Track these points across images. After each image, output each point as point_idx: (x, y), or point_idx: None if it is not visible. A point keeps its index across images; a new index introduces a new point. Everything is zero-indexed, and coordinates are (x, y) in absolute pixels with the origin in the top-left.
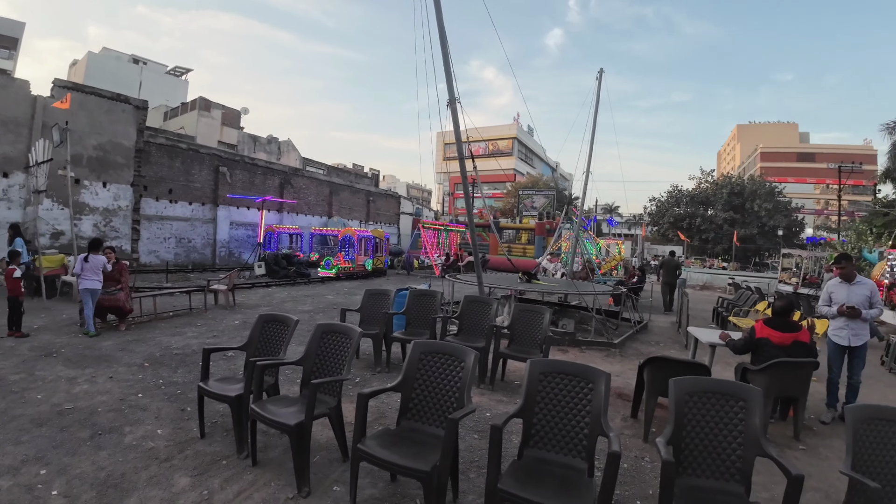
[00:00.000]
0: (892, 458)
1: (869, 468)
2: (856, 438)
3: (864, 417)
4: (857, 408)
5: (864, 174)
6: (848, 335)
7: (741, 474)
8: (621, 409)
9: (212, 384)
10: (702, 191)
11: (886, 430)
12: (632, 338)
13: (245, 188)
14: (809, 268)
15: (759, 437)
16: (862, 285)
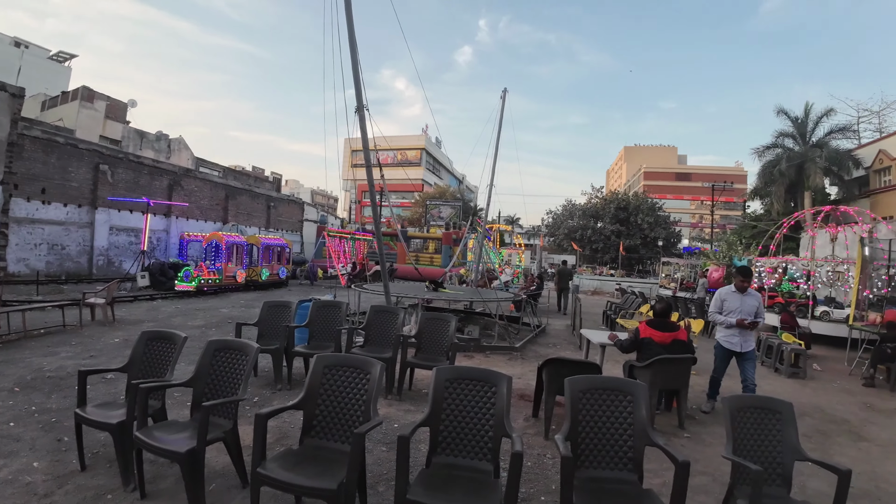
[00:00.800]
0: (766, 442)
1: (748, 452)
2: (734, 425)
3: (740, 406)
4: (733, 398)
5: (735, 192)
6: (739, 342)
7: (633, 463)
8: (524, 409)
9: (90, 410)
10: (592, 205)
11: (760, 416)
12: (532, 341)
13: (129, 189)
14: (686, 274)
15: (646, 427)
16: (752, 296)
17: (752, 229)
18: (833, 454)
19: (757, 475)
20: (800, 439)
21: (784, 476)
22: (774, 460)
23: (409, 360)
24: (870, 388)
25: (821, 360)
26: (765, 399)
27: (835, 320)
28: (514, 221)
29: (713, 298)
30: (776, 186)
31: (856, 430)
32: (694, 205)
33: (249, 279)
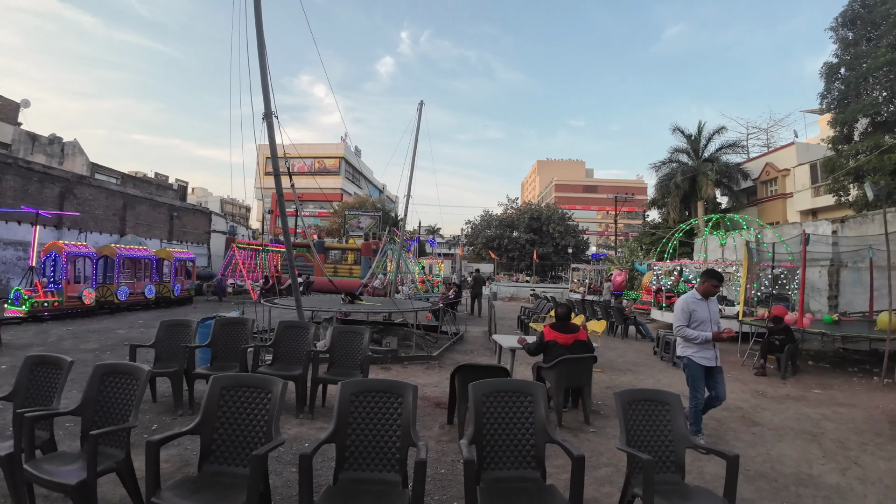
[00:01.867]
0: (658, 432)
1: (641, 442)
2: (626, 418)
3: (631, 399)
4: (624, 392)
5: (636, 202)
6: (714, 355)
7: (536, 461)
8: (439, 416)
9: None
10: (508, 216)
11: (650, 408)
12: (450, 349)
13: (16, 198)
14: (593, 278)
15: (546, 425)
16: (714, 302)
17: (651, 236)
18: (728, 440)
19: (648, 464)
20: None
21: (677, 463)
22: (667, 449)
23: (320, 377)
24: (761, 377)
25: None
26: (654, 392)
27: (727, 316)
28: (435, 231)
29: (677, 309)
30: (672, 197)
31: (749, 416)
32: (600, 215)
33: (161, 295)
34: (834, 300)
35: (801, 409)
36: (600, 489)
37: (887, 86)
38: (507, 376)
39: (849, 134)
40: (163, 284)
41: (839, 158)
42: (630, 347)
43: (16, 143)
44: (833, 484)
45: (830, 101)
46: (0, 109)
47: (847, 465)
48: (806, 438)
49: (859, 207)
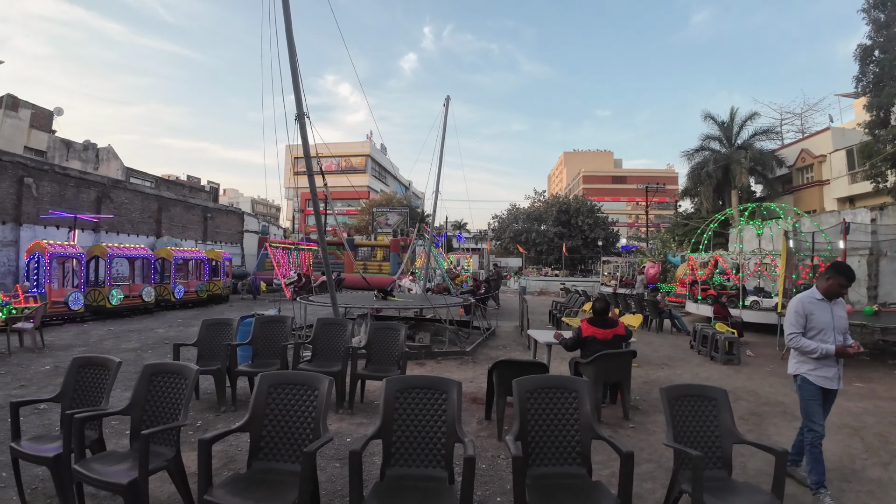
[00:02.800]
0: (705, 428)
1: (687, 438)
2: (673, 414)
3: (677, 395)
4: (670, 387)
5: (667, 193)
6: (837, 374)
7: (582, 457)
8: (476, 412)
9: (25, 444)
10: (535, 209)
11: (696, 404)
12: (482, 344)
13: (54, 203)
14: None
15: (591, 421)
16: (841, 305)
17: (684, 227)
18: (770, 435)
19: (697, 460)
20: (738, 421)
21: (724, 459)
22: (714, 444)
23: (359, 373)
24: None
25: (753, 346)
26: (700, 387)
27: (764, 309)
28: (462, 226)
29: (790, 311)
30: (704, 187)
31: (790, 410)
32: (630, 206)
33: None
34: (873, 290)
35: (841, 402)
36: (642, 486)
37: None
38: (545, 372)
39: (885, 118)
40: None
41: (876, 143)
42: (665, 341)
43: (51, 150)
44: (875, 478)
45: (866, 84)
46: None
47: (889, 459)
48: (847, 433)
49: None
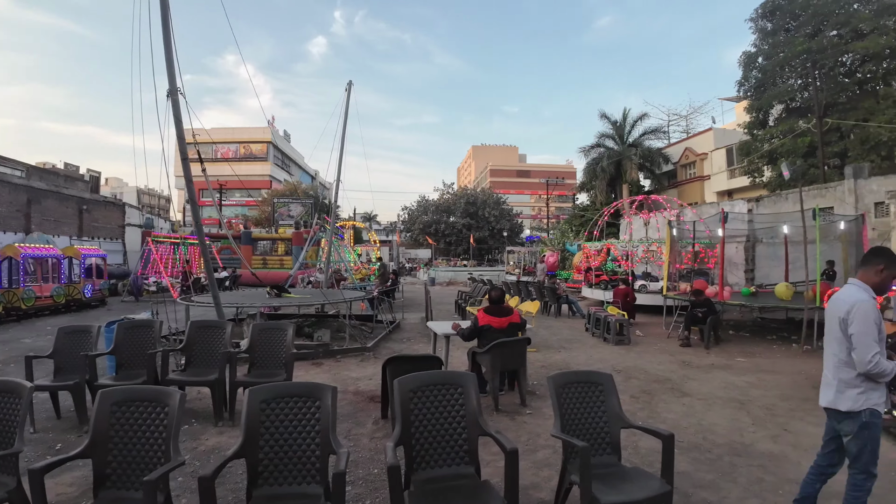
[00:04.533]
0: (592, 414)
1: (575, 426)
2: (560, 402)
3: (564, 383)
4: (557, 375)
5: (566, 186)
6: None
7: (470, 456)
8: (373, 412)
9: None
10: (444, 201)
11: (583, 391)
12: (385, 339)
13: None
14: (528, 260)
15: (478, 417)
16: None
17: (581, 218)
18: (660, 412)
19: (584, 451)
20: (630, 400)
21: (613, 444)
22: (602, 430)
23: (239, 380)
24: (686, 347)
25: (642, 326)
26: (586, 373)
27: (651, 291)
28: (371, 218)
29: (866, 321)
30: (599, 181)
31: (678, 387)
32: (533, 198)
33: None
34: (751, 273)
35: (727, 377)
36: (539, 473)
37: (802, 73)
38: (440, 366)
39: (764, 119)
40: (72, 286)
41: (754, 142)
42: (563, 325)
43: None
44: (766, 451)
45: (748, 88)
46: None
47: (778, 431)
48: (734, 406)
49: (773, 188)
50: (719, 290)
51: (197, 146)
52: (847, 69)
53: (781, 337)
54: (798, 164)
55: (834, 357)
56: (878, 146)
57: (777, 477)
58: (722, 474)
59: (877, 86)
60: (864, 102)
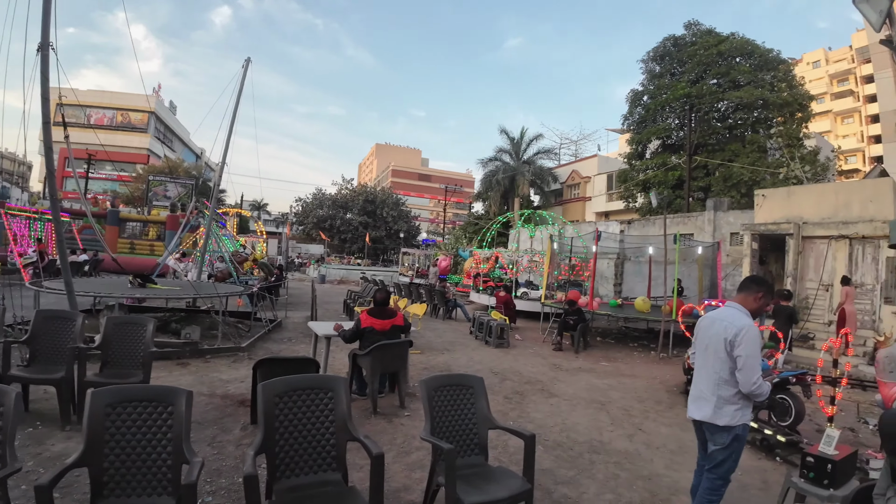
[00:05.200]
0: (462, 416)
1: (446, 428)
2: (431, 406)
3: (437, 386)
4: (429, 379)
5: (464, 194)
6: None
7: (337, 462)
8: (243, 416)
9: None
10: (343, 196)
11: (455, 393)
12: (264, 338)
13: None
14: (422, 263)
15: (346, 422)
16: None
17: (475, 226)
18: (530, 412)
19: (450, 453)
20: (503, 401)
21: (480, 445)
22: (471, 431)
23: (88, 380)
24: (558, 351)
25: (522, 331)
26: (459, 377)
27: (532, 299)
28: (261, 207)
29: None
30: (494, 192)
31: (547, 388)
32: (432, 203)
33: None
34: (619, 287)
35: (591, 380)
36: (411, 475)
37: (680, 115)
38: (316, 369)
39: (642, 151)
40: None
41: (631, 171)
42: (449, 328)
43: None
44: (622, 449)
45: (631, 122)
46: None
47: (633, 431)
48: (596, 407)
49: (643, 213)
50: (590, 300)
51: (62, 109)
52: (721, 114)
53: (642, 345)
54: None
55: (715, 375)
56: (738, 184)
57: (631, 473)
58: (581, 471)
59: (745, 132)
60: (731, 145)
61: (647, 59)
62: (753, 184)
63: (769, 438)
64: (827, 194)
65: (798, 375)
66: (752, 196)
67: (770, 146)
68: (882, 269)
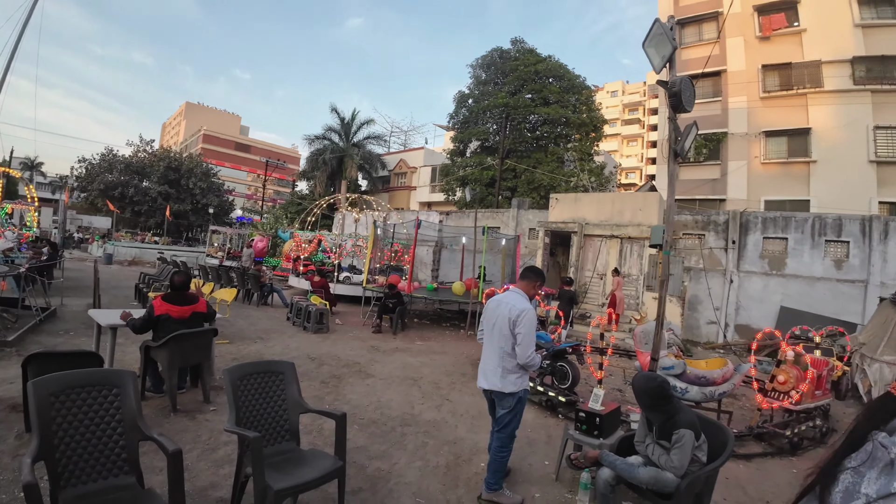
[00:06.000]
0: (272, 403)
1: (254, 417)
2: (237, 396)
3: (243, 374)
4: (234, 367)
5: (288, 171)
6: None
7: (129, 464)
8: (16, 422)
9: None
10: (139, 160)
11: (264, 381)
12: (35, 330)
13: None
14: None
15: (137, 420)
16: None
17: (298, 206)
18: (346, 393)
19: (255, 441)
20: (320, 385)
21: (292, 431)
22: (282, 418)
23: None
24: (377, 334)
25: (342, 315)
26: (267, 363)
27: (354, 283)
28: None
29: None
30: (320, 172)
31: (364, 369)
32: (251, 177)
33: None
34: (436, 272)
35: (405, 359)
36: (219, 472)
37: (497, 121)
38: (99, 363)
39: (463, 150)
40: None
41: (453, 167)
42: (264, 315)
43: None
44: (430, 419)
45: (456, 121)
46: None
47: (441, 402)
48: (409, 384)
49: (460, 206)
50: (409, 284)
51: None
52: (531, 126)
53: (454, 324)
54: (479, 191)
55: (500, 350)
56: (539, 188)
57: (438, 440)
58: (393, 444)
59: (548, 143)
60: (536, 154)
61: (476, 65)
62: (551, 188)
63: (552, 400)
64: (605, 202)
65: (573, 346)
66: (548, 198)
67: (567, 158)
68: (645, 263)
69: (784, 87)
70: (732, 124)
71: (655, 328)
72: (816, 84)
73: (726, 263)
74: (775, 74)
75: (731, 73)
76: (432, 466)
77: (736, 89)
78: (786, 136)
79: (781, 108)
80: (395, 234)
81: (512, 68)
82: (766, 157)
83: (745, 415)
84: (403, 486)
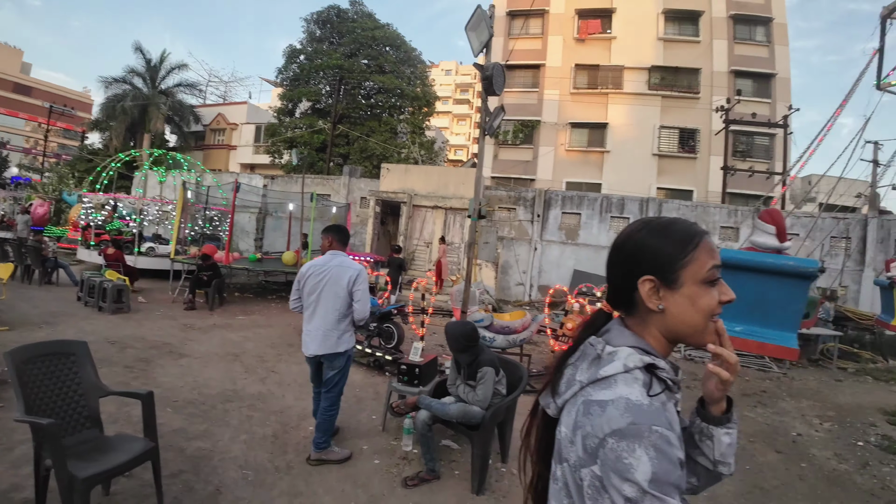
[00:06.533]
0: (65, 388)
1: (47, 404)
2: (22, 382)
3: (27, 357)
4: (17, 350)
5: (77, 119)
6: None
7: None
8: None
9: None
10: None
11: (53, 363)
12: None
13: None
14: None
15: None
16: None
17: (88, 163)
18: (157, 377)
19: (51, 428)
20: (124, 371)
21: (92, 417)
22: (79, 404)
23: None
24: (191, 310)
25: (146, 292)
26: (56, 343)
27: (160, 255)
28: None
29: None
30: (118, 122)
31: (177, 349)
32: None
33: None
34: (259, 241)
35: (225, 335)
36: (19, 472)
37: (331, 83)
38: None
39: (293, 109)
40: None
41: (280, 127)
42: (50, 295)
43: None
44: (255, 392)
45: (285, 78)
46: None
47: (266, 374)
48: (229, 360)
49: (288, 170)
50: (226, 254)
51: None
52: (366, 92)
53: (280, 296)
54: (309, 155)
55: (336, 312)
56: (371, 157)
57: (264, 412)
58: (215, 421)
59: (382, 113)
60: (370, 122)
61: (311, 19)
62: (383, 158)
63: (380, 360)
64: (433, 175)
65: (398, 308)
66: (380, 168)
67: (400, 130)
68: (466, 232)
69: (591, 85)
70: (546, 114)
71: (465, 285)
72: (617, 86)
73: (532, 234)
74: (585, 74)
75: (548, 68)
76: (259, 438)
77: (551, 83)
78: (587, 128)
79: (586, 104)
80: (210, 199)
81: (349, 30)
82: (570, 146)
83: (543, 358)
84: (229, 460)
